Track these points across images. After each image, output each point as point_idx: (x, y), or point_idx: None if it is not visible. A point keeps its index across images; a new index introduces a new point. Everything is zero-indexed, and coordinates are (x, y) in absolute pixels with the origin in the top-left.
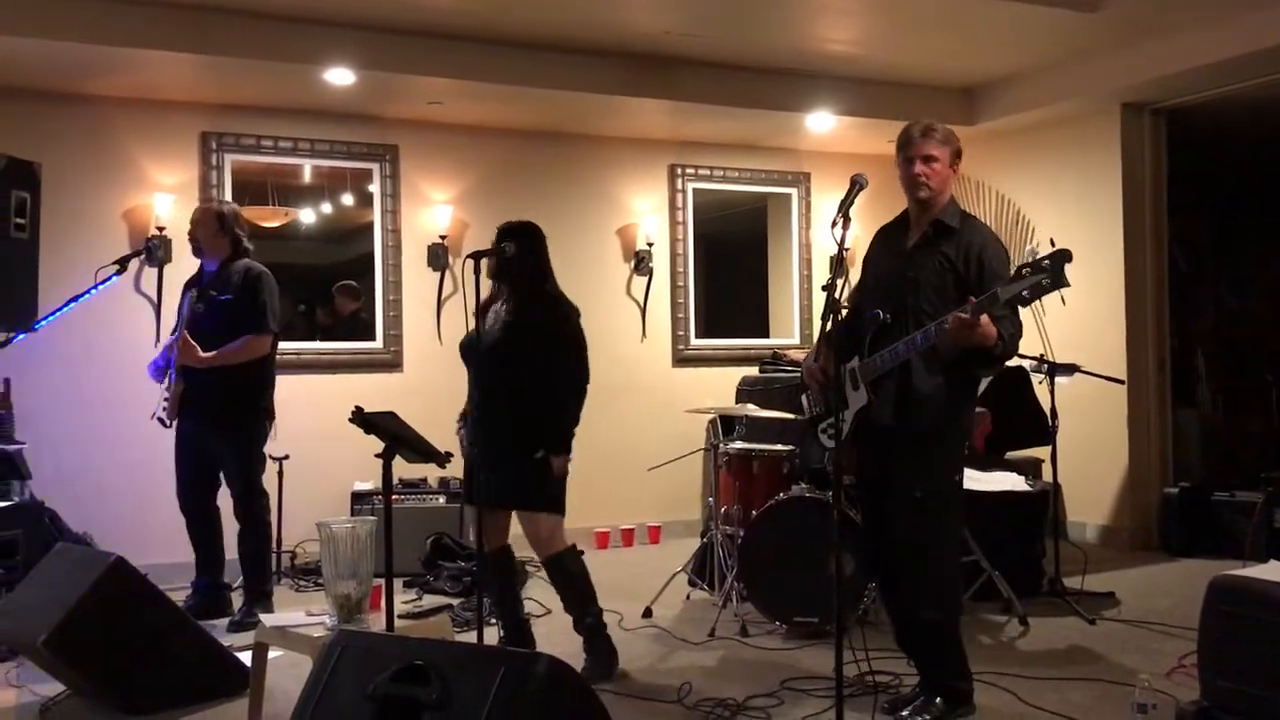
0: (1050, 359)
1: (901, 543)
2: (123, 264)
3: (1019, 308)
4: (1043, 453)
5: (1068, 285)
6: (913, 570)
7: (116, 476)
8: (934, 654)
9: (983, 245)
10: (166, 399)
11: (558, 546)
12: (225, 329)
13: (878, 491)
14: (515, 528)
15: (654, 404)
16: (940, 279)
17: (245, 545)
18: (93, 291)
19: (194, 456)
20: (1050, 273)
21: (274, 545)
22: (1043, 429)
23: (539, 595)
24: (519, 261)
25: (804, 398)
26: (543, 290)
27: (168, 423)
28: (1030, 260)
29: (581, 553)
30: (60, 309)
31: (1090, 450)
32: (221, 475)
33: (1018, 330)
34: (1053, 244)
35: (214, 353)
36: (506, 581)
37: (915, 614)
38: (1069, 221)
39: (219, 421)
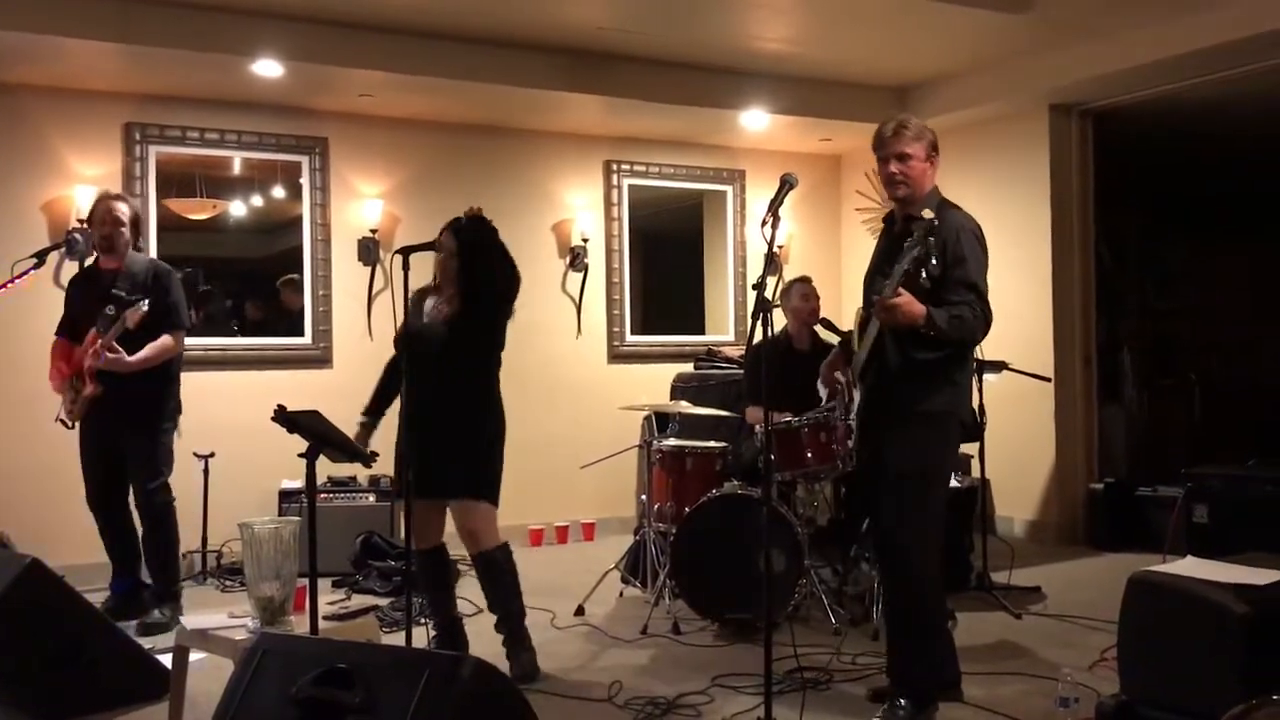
0: (978, 356)
1: (882, 527)
2: (41, 257)
3: (980, 290)
4: (971, 449)
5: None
6: (890, 554)
7: (31, 476)
8: (908, 643)
9: (957, 232)
10: (72, 401)
11: (492, 541)
12: (140, 330)
13: (872, 481)
14: (449, 527)
15: (589, 400)
16: (915, 269)
17: (153, 542)
18: (9, 285)
19: (103, 457)
20: (919, 241)
21: (181, 544)
22: (971, 426)
23: (471, 594)
24: (469, 260)
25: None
26: (493, 291)
27: (70, 425)
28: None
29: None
30: None
31: (1018, 446)
32: (129, 472)
33: (972, 319)
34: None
35: (140, 356)
36: (440, 580)
37: (890, 600)
38: (998, 221)
39: (132, 419)
